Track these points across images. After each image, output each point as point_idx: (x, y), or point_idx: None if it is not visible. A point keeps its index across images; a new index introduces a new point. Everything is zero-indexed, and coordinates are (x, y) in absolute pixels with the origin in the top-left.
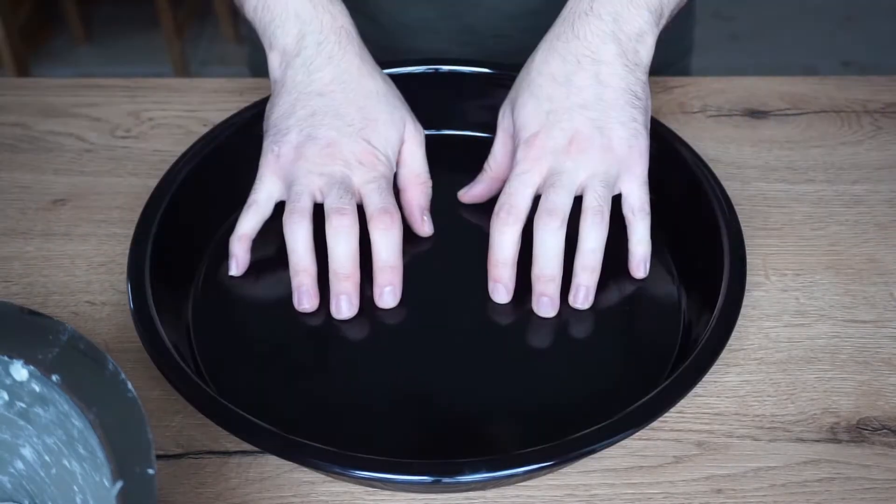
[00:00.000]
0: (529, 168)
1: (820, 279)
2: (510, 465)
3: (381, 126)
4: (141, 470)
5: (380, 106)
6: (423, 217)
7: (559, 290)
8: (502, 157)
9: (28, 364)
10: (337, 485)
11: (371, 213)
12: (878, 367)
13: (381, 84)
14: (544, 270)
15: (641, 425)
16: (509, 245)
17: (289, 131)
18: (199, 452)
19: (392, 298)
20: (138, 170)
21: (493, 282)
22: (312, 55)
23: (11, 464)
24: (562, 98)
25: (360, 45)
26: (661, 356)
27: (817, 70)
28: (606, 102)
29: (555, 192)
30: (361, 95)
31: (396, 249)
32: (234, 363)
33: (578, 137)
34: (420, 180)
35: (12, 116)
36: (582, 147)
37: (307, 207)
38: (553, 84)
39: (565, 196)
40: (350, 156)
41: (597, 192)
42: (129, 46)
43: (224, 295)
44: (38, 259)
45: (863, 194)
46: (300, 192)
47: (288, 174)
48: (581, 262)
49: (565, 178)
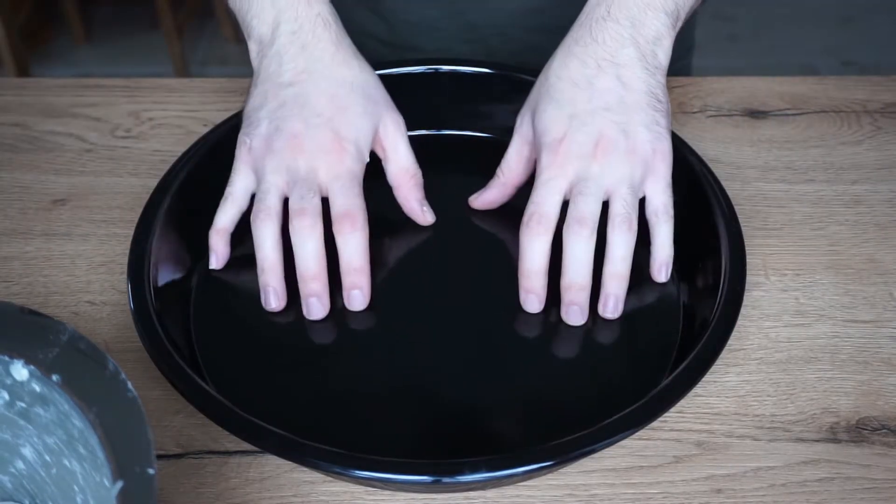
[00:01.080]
0: (556, 174)
1: (820, 279)
2: (510, 465)
3: (352, 115)
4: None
5: (352, 95)
6: (422, 209)
7: (589, 298)
8: (516, 163)
9: (28, 364)
10: (337, 485)
11: (334, 217)
12: (878, 367)
13: (357, 73)
14: (575, 280)
15: (641, 425)
16: (541, 255)
17: (259, 123)
18: (199, 452)
19: (360, 301)
20: (138, 170)
21: (525, 292)
22: (286, 44)
23: (12, 463)
24: (584, 101)
25: (338, 32)
26: (661, 356)
27: (817, 70)
28: (629, 105)
29: (583, 199)
30: (334, 84)
31: (361, 251)
32: (234, 363)
33: (603, 141)
34: (409, 174)
35: (12, 116)
36: (607, 150)
37: (273, 206)
38: (574, 88)
39: (594, 203)
40: (316, 148)
41: (624, 199)
42: (129, 46)
43: (224, 294)
44: (38, 259)
45: (863, 194)
46: (266, 189)
47: (258, 168)
48: (610, 270)
49: (592, 184)
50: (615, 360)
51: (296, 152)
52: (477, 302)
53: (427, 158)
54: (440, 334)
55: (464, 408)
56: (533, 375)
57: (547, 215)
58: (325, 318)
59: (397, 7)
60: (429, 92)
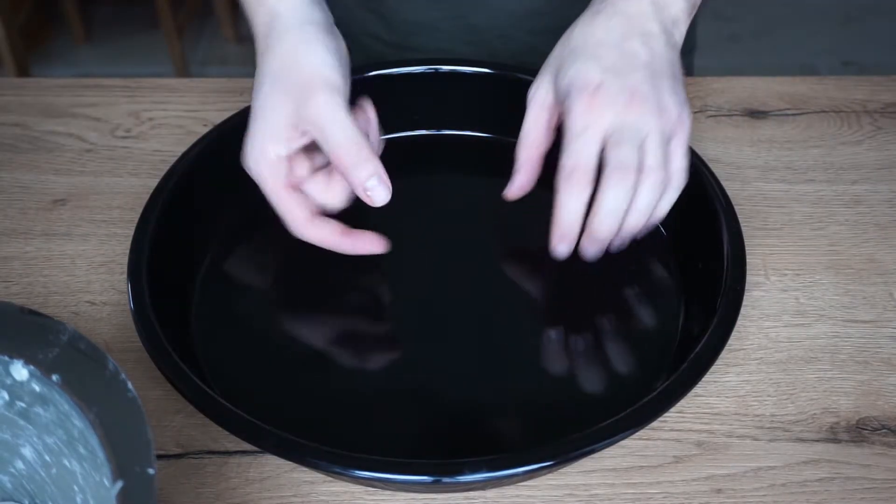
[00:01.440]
0: (592, 123)
1: (820, 279)
2: (510, 465)
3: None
4: (141, 470)
5: (315, 77)
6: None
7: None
8: (536, 133)
9: (28, 364)
10: (337, 485)
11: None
12: (878, 367)
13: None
14: (603, 226)
15: (641, 425)
16: (579, 210)
17: (255, 94)
18: (199, 452)
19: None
20: (138, 170)
21: (559, 243)
22: (281, 32)
23: (12, 463)
24: (614, 59)
25: (299, 24)
26: (661, 356)
27: (817, 70)
28: (656, 70)
29: (625, 147)
30: (299, 69)
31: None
32: (234, 363)
33: (638, 95)
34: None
35: (12, 116)
36: (642, 103)
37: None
38: (602, 47)
39: (635, 152)
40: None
41: (656, 154)
42: (129, 46)
43: (224, 294)
44: (38, 259)
45: (863, 194)
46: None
47: None
48: (631, 219)
49: (630, 133)
50: (615, 360)
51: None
52: (477, 302)
53: (427, 158)
54: (440, 334)
55: (464, 408)
56: (533, 375)
57: (587, 167)
58: (326, 319)
59: (400, 7)
60: (429, 92)
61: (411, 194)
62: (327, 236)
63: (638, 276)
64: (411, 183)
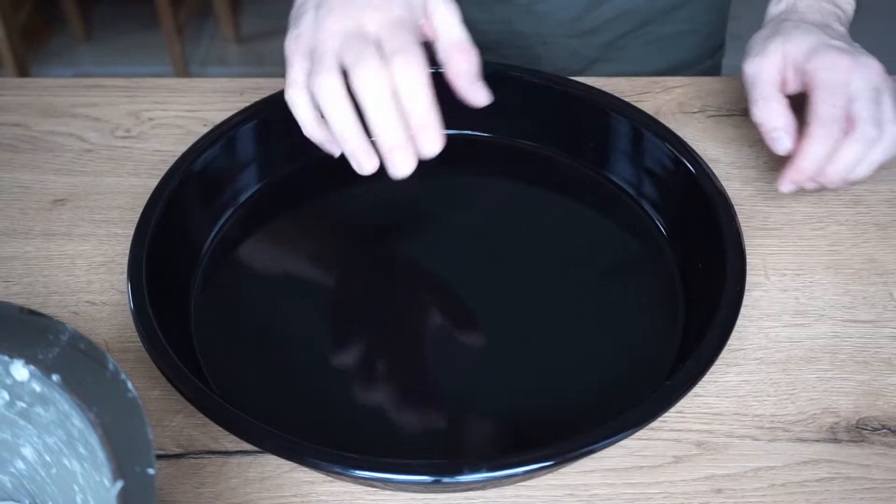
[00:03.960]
0: (842, 82)
1: (820, 279)
2: (510, 465)
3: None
4: (141, 470)
5: None
6: (472, 84)
7: None
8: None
9: (28, 364)
10: (337, 485)
11: (387, 57)
12: (878, 367)
13: None
14: (839, 173)
15: (641, 425)
16: (822, 156)
17: (305, 13)
18: (199, 452)
19: (434, 142)
20: (138, 170)
21: (790, 183)
22: None
23: (12, 463)
24: (829, 38)
25: None
26: (661, 356)
27: None
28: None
29: (870, 104)
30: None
31: (424, 87)
32: (234, 362)
33: (862, 60)
34: (462, 48)
35: (12, 116)
36: (867, 67)
37: (331, 64)
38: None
39: (876, 107)
40: (363, 6)
41: (891, 110)
42: (129, 46)
43: (224, 294)
44: (38, 259)
45: (863, 194)
46: (321, 54)
47: (311, 49)
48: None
49: (870, 93)
50: (615, 360)
51: (343, 17)
52: (478, 302)
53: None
54: (441, 335)
55: (464, 408)
56: (533, 375)
57: (840, 118)
58: (326, 318)
59: None
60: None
61: (423, 194)
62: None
63: (638, 276)
64: (425, 184)
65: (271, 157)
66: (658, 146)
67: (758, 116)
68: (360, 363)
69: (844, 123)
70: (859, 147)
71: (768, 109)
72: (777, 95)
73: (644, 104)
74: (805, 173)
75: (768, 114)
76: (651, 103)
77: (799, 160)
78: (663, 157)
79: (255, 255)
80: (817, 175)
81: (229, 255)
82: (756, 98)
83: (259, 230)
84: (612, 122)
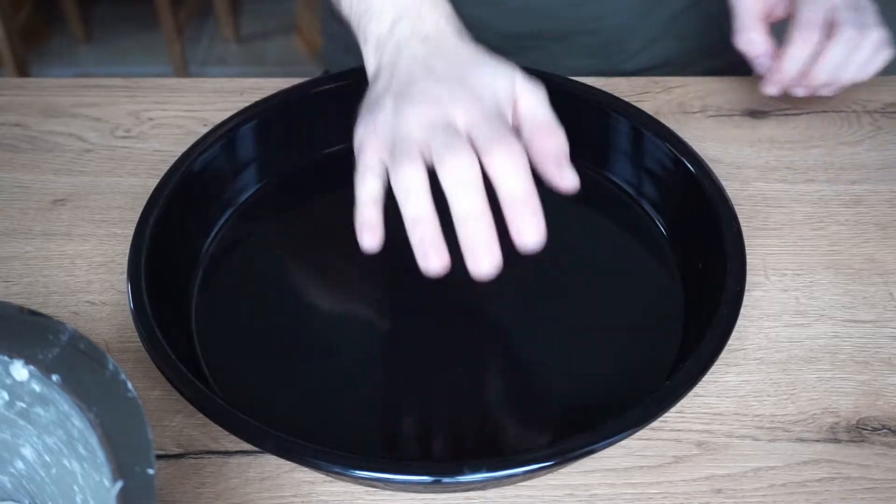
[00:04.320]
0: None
1: (820, 279)
2: (510, 465)
3: (484, 75)
4: (141, 470)
5: (481, 59)
6: (559, 166)
7: None
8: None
9: (28, 364)
10: (337, 485)
11: (483, 150)
12: (878, 367)
13: (483, 50)
14: (823, 74)
15: (641, 425)
16: (804, 58)
17: (382, 103)
18: (199, 452)
19: (536, 234)
20: (138, 170)
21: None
22: (407, 36)
23: (11, 463)
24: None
25: (458, 27)
26: (661, 356)
27: None
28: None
29: (850, 11)
30: (458, 56)
31: (526, 175)
32: (234, 363)
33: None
34: (550, 128)
35: (12, 116)
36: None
37: (416, 155)
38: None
39: (857, 14)
40: (449, 98)
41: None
42: (129, 46)
43: (224, 294)
44: (38, 259)
45: (863, 194)
46: (405, 145)
47: (389, 141)
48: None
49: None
50: (615, 360)
51: (430, 107)
52: (478, 302)
53: None
54: (441, 335)
55: (464, 408)
56: (533, 375)
57: (821, 22)
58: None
59: (496, 23)
60: None
61: None
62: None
63: (638, 276)
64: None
65: (271, 157)
66: (658, 146)
67: (740, 46)
68: (360, 363)
69: (827, 29)
70: (841, 49)
71: (748, 40)
72: (756, 25)
73: (644, 104)
74: (788, 74)
75: (749, 45)
76: (651, 103)
77: (782, 62)
78: (663, 158)
79: (255, 255)
80: (802, 78)
81: (229, 255)
82: (737, 28)
83: (259, 230)
84: (612, 121)
